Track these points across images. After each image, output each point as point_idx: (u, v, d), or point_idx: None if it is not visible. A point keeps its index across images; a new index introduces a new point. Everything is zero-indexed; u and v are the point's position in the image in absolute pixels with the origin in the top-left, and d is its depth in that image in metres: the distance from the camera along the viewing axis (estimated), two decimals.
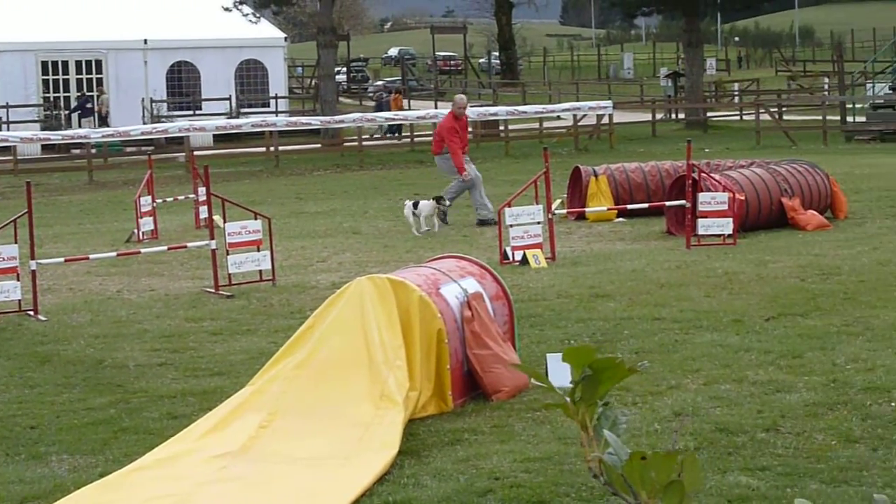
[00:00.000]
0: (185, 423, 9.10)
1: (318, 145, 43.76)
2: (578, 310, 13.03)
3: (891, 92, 42.35)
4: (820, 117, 42.22)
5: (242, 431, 8.48)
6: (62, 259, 16.78)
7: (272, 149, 40.40)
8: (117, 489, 7.70)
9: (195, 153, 35.18)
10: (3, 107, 48.49)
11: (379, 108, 50.78)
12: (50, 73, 51.17)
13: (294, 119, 43.32)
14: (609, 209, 20.88)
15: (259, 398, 8.91)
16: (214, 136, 45.48)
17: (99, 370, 11.33)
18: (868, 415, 8.55)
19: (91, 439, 9.00)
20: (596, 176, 21.79)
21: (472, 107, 50.29)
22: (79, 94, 50.33)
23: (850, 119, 42.55)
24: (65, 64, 51.35)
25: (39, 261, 14.80)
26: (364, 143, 41.32)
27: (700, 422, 8.55)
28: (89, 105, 49.08)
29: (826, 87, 58.29)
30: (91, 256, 17.15)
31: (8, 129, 45.33)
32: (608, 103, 44.60)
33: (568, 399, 2.23)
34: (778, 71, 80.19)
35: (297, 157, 41.01)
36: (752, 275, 14.65)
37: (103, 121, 48.27)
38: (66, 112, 49.52)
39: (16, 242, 14.36)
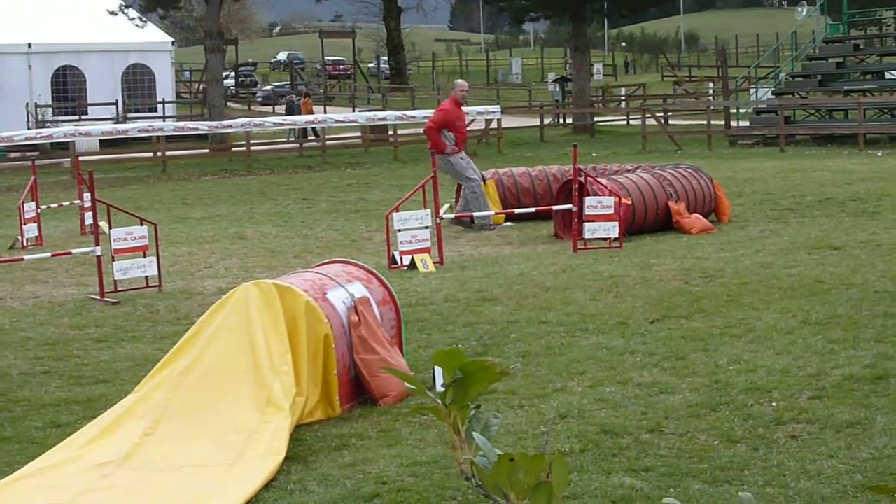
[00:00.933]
0: (69, 431, 8.99)
1: (206, 150, 43.49)
2: (466, 314, 13.08)
3: (773, 97, 43.00)
4: (704, 122, 42.74)
5: (126, 439, 8.40)
6: None
7: (159, 154, 40.09)
8: None
9: (81, 158, 34.77)
10: None
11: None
12: None
13: (181, 124, 42.99)
14: (497, 213, 20.98)
15: (143, 405, 8.83)
16: (101, 141, 45.03)
17: None
18: (749, 415, 8.67)
19: None
20: (484, 181, 21.87)
21: (360, 111, 50.33)
22: None
23: (734, 124, 43.15)
24: None
25: None
26: (252, 147, 41.13)
27: (585, 424, 8.61)
28: None
29: (711, 92, 59.10)
30: None
31: None
32: (496, 108, 44.80)
33: (439, 402, 2.25)
34: (664, 76, 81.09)
35: (184, 162, 40.74)
36: (637, 278, 14.80)
37: None
38: None
39: None
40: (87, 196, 21.18)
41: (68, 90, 52.96)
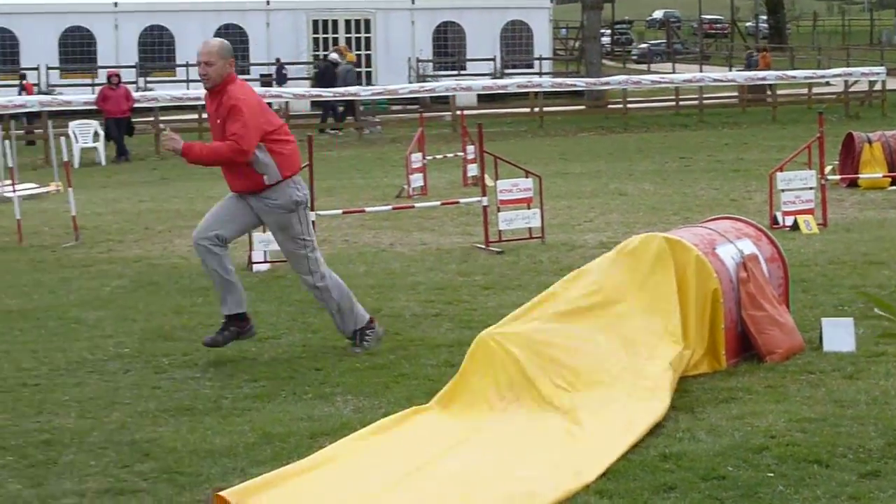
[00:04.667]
0: None
1: (582, 107, 43.83)
2: (851, 276, 12.88)
3: None
4: None
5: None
6: (340, 211, 17.30)
7: (536, 109, 40.65)
8: (394, 431, 7.90)
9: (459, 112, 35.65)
10: (275, 64, 49.71)
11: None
12: (320, 31, 52.41)
13: (559, 80, 43.52)
14: (884, 176, 20.48)
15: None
16: (478, 95, 45.97)
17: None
18: None
19: (373, 382, 9.31)
20: (870, 143, 21.36)
21: (737, 70, 49.65)
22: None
23: None
24: (334, 23, 52.51)
25: (319, 212, 15.28)
26: (628, 105, 41.20)
27: None
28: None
29: None
30: (367, 209, 17.62)
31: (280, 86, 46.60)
32: (881, 69, 43.56)
33: None
34: None
35: (560, 118, 41.21)
36: None
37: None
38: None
39: None
40: (470, 148, 21.78)
41: (448, 46, 54.22)
